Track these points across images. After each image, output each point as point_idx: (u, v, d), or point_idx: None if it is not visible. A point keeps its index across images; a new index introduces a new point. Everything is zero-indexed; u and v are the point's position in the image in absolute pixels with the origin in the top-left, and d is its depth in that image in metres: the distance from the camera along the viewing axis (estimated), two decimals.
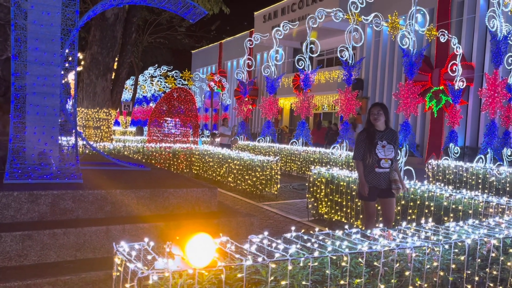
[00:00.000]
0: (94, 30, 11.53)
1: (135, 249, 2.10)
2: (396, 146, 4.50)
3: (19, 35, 4.65)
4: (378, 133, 4.50)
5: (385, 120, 4.54)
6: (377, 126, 4.53)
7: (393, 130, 4.59)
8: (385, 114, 4.53)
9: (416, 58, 10.08)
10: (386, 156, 4.43)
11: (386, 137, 4.50)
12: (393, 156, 4.47)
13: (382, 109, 4.54)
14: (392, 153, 4.45)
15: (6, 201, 3.68)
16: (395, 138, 4.52)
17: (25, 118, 4.61)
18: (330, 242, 2.45)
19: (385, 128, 4.56)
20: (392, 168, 4.47)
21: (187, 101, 13.16)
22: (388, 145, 4.45)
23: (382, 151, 4.43)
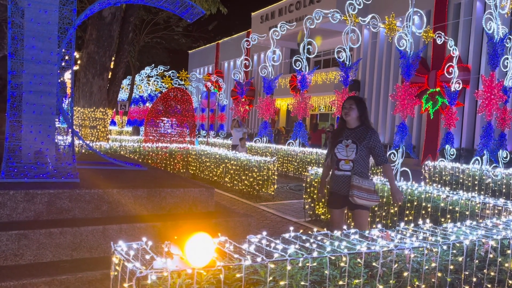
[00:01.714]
0: (91, 29, 11.48)
1: (133, 249, 2.09)
2: (362, 147, 3.81)
3: (16, 33, 4.62)
4: (347, 131, 3.92)
5: (359, 117, 3.91)
6: (348, 122, 3.95)
7: (368, 128, 3.89)
8: (359, 110, 3.90)
9: (413, 60, 10.10)
10: (346, 157, 3.82)
11: (354, 135, 3.87)
12: (355, 158, 3.79)
13: (355, 103, 3.92)
14: (353, 154, 3.79)
15: (1, 200, 3.65)
16: (365, 138, 3.82)
17: (21, 117, 4.58)
18: (329, 243, 2.45)
19: (358, 126, 3.92)
20: (356, 172, 3.79)
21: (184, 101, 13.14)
22: (352, 144, 3.82)
23: (343, 151, 3.84)
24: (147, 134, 12.29)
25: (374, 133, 3.89)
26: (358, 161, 3.81)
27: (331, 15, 12.57)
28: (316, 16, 13.21)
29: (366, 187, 3.75)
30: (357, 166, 3.82)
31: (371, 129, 3.90)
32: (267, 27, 24.59)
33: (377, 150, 3.86)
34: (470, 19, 17.13)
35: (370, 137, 3.84)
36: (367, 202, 3.77)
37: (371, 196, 3.77)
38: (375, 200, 3.83)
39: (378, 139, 3.88)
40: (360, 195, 3.73)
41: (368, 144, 3.83)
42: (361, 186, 3.74)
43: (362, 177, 3.78)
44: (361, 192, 3.74)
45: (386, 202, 5.37)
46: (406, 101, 10.09)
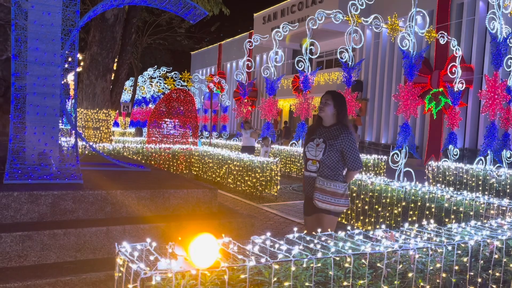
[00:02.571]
0: (94, 31, 11.52)
1: (137, 250, 2.09)
2: (332, 148, 3.46)
3: (20, 35, 4.63)
4: (321, 129, 3.59)
5: (336, 114, 3.56)
6: (324, 119, 3.61)
7: (343, 128, 3.50)
8: (336, 106, 3.54)
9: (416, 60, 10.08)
10: (314, 157, 3.50)
11: (326, 134, 3.52)
12: (321, 159, 3.46)
13: (332, 98, 3.56)
14: (321, 154, 3.47)
15: (6, 202, 3.66)
16: (338, 139, 3.46)
17: (25, 119, 4.59)
18: (333, 243, 2.44)
19: (333, 124, 3.56)
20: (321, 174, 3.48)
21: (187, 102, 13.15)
22: (322, 144, 3.48)
23: (313, 150, 3.52)
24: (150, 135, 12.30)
25: (348, 134, 3.49)
26: (325, 163, 3.46)
27: (333, 15, 12.55)
28: (319, 17, 13.20)
29: (331, 190, 3.43)
30: (324, 167, 3.47)
31: (347, 130, 3.50)
32: (270, 28, 24.60)
33: (348, 153, 3.48)
34: (473, 18, 17.09)
35: (343, 138, 3.46)
36: (331, 207, 3.43)
37: (336, 200, 3.44)
38: (342, 204, 3.47)
39: (352, 142, 3.49)
40: (323, 199, 3.42)
41: (340, 145, 3.47)
42: (325, 188, 3.42)
43: (328, 179, 3.44)
44: (324, 195, 3.42)
45: (390, 203, 5.36)
46: (409, 101, 10.05)
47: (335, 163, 3.49)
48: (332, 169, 3.48)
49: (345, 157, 3.50)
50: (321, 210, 3.47)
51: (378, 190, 5.55)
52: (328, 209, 3.45)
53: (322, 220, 3.49)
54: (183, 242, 2.14)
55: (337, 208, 3.47)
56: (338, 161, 3.49)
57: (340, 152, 3.49)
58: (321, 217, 3.49)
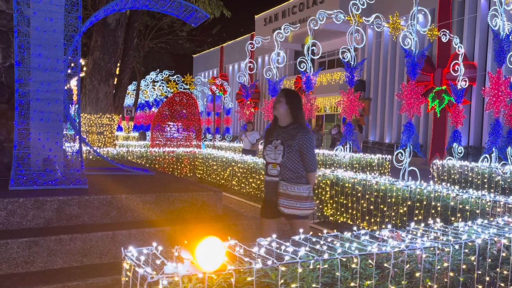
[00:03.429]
0: (96, 36, 11.56)
1: (144, 254, 2.08)
2: (291, 149, 3.31)
3: (22, 42, 4.66)
4: (278, 130, 3.42)
5: (290, 112, 3.38)
6: (279, 119, 3.43)
7: (299, 127, 3.35)
8: (289, 104, 3.37)
9: (418, 59, 10.05)
10: (274, 160, 3.34)
11: (284, 135, 3.36)
12: (281, 161, 3.31)
13: (284, 96, 3.40)
14: (280, 156, 3.31)
15: (12, 208, 3.68)
16: (295, 139, 3.31)
17: (29, 125, 4.62)
18: (339, 244, 2.43)
19: (289, 124, 3.39)
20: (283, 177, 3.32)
21: (190, 105, 13.17)
22: (280, 146, 3.33)
23: (272, 153, 3.36)
24: (153, 139, 12.32)
25: (305, 133, 3.33)
26: (286, 165, 3.32)
27: (334, 15, 12.55)
28: (320, 17, 13.19)
29: (295, 194, 3.29)
30: (285, 171, 3.32)
31: (304, 129, 3.35)
32: (271, 30, 24.61)
33: (306, 154, 3.33)
34: (475, 16, 17.03)
35: (300, 138, 3.31)
36: (297, 212, 3.30)
37: (302, 204, 3.30)
38: (308, 208, 3.35)
39: (310, 142, 3.35)
40: (288, 204, 3.29)
41: (298, 145, 3.31)
42: (289, 193, 3.28)
43: (291, 183, 3.30)
44: (289, 201, 3.29)
45: (395, 202, 5.34)
46: (412, 100, 10.03)
47: (296, 164, 3.34)
48: (294, 171, 3.33)
49: (303, 158, 3.35)
50: (288, 215, 3.35)
51: (383, 190, 5.54)
52: (295, 214, 3.32)
53: (295, 225, 3.37)
54: (189, 245, 2.14)
55: (303, 212, 3.34)
56: (298, 163, 3.36)
57: (300, 152, 3.34)
58: (293, 223, 3.39)
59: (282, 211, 3.30)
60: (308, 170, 3.37)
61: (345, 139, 12.08)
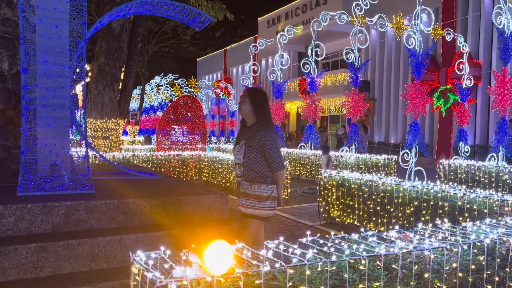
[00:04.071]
0: (101, 41, 11.63)
1: (152, 258, 2.09)
2: (252, 149, 3.23)
3: (28, 49, 4.70)
4: (245, 130, 3.38)
5: (254, 112, 3.31)
6: (246, 119, 3.39)
7: (261, 127, 3.26)
8: (252, 103, 3.29)
9: (422, 58, 10.02)
10: (239, 161, 3.33)
11: (248, 135, 3.31)
12: (243, 162, 3.27)
13: (248, 95, 3.35)
14: (242, 157, 3.28)
15: (20, 214, 3.70)
16: (256, 138, 3.23)
17: (36, 131, 4.65)
18: (347, 246, 2.43)
19: (254, 123, 3.33)
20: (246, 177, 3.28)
21: (194, 109, 13.20)
22: (243, 146, 3.29)
23: (238, 153, 3.34)
24: (159, 143, 12.36)
25: (267, 132, 3.22)
26: (248, 165, 3.26)
27: (338, 16, 12.54)
28: (323, 19, 13.20)
29: (255, 194, 3.22)
30: (247, 171, 3.27)
31: (265, 128, 3.24)
32: (274, 32, 24.63)
33: (268, 154, 3.23)
34: (479, 14, 16.96)
35: (260, 137, 3.21)
36: (255, 211, 3.24)
37: (261, 204, 3.23)
38: (268, 208, 3.26)
39: (272, 141, 3.23)
40: (247, 204, 3.26)
41: (258, 145, 3.22)
42: (248, 192, 3.24)
43: (252, 182, 3.25)
44: (248, 200, 3.25)
45: (402, 203, 5.32)
46: (417, 100, 9.99)
47: (258, 164, 3.25)
48: (256, 171, 3.25)
49: (266, 158, 3.26)
50: (247, 215, 3.31)
51: (389, 190, 5.52)
52: (253, 214, 3.26)
53: (250, 225, 3.28)
54: (197, 249, 2.15)
55: (262, 213, 3.25)
56: (261, 163, 3.25)
57: (262, 152, 3.24)
58: (249, 223, 3.30)
59: (241, 210, 3.31)
60: (273, 169, 3.26)
61: (350, 139, 12.06)
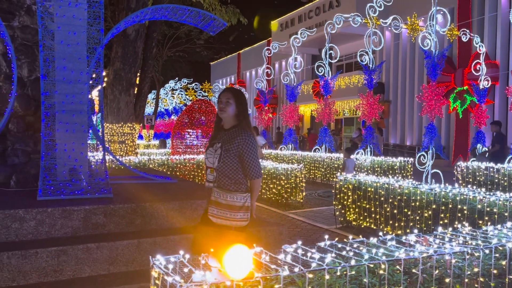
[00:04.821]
0: (116, 47, 11.78)
1: (171, 262, 2.11)
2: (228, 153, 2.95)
3: (47, 55, 4.79)
4: (222, 132, 3.10)
5: (237, 114, 3.06)
6: (224, 121, 3.10)
7: (241, 130, 3.01)
8: (237, 105, 3.06)
9: (438, 59, 9.91)
10: (212, 165, 3.01)
11: (225, 138, 3.03)
12: (217, 166, 2.97)
13: (233, 97, 3.07)
14: (217, 161, 2.97)
15: (40, 218, 3.77)
16: (234, 142, 2.96)
17: (55, 136, 4.73)
18: (366, 250, 2.41)
19: (233, 126, 3.06)
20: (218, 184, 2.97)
21: (209, 112, 13.28)
22: (219, 149, 3.00)
23: (211, 156, 3.03)
24: (174, 147, 12.45)
25: (247, 137, 2.98)
26: (222, 171, 2.97)
27: (351, 19, 12.50)
28: (337, 21, 13.17)
29: (227, 203, 2.92)
30: (221, 177, 2.97)
31: (245, 132, 3.00)
32: (287, 35, 24.64)
33: (246, 159, 2.96)
34: (495, 14, 16.70)
35: (239, 142, 2.96)
36: (226, 222, 2.93)
37: (233, 214, 2.93)
38: (240, 219, 2.95)
39: (251, 146, 2.99)
40: (218, 214, 2.94)
41: (237, 149, 2.96)
42: (220, 202, 2.93)
43: (225, 190, 2.95)
44: (220, 210, 2.93)
45: (419, 206, 5.26)
46: (434, 101, 9.89)
47: (233, 171, 2.98)
48: (231, 178, 2.97)
49: (243, 164, 2.99)
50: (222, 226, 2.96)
51: (406, 194, 5.46)
52: (225, 225, 2.95)
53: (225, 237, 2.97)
54: (215, 253, 2.15)
55: (234, 223, 2.95)
56: (237, 169, 2.99)
57: (239, 157, 2.99)
58: (224, 234, 2.98)
59: (212, 221, 2.96)
60: (250, 177, 3.02)
61: (365, 142, 11.97)
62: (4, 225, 3.63)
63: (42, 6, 4.76)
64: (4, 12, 5.47)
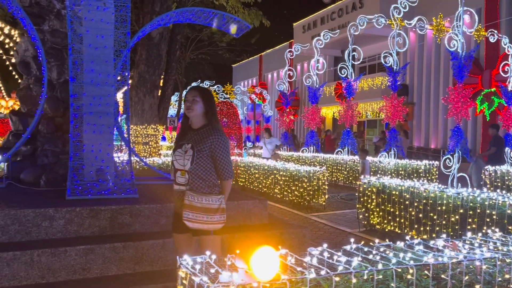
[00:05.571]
0: (141, 50, 11.98)
1: (198, 262, 2.13)
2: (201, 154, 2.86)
3: (76, 58, 4.91)
4: (191, 133, 2.98)
5: (205, 113, 2.97)
6: (192, 120, 3.00)
7: (213, 130, 2.92)
8: (205, 104, 2.95)
9: (465, 61, 9.70)
10: (183, 167, 2.89)
11: (195, 138, 2.92)
12: (190, 168, 2.86)
13: (200, 95, 2.96)
14: (189, 163, 2.86)
15: (69, 217, 3.86)
16: (207, 142, 2.87)
17: (82, 137, 4.85)
18: (393, 254, 2.38)
19: (203, 126, 2.97)
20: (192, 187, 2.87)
21: (231, 114, 13.35)
22: (190, 150, 2.88)
23: (181, 158, 2.90)
24: None
25: (219, 136, 2.90)
26: (195, 172, 2.87)
27: (375, 20, 12.36)
28: (360, 22, 13.05)
29: (202, 206, 2.82)
30: (194, 179, 2.87)
31: (217, 131, 2.92)
32: (310, 37, 24.55)
33: (219, 160, 2.90)
34: None
35: (212, 141, 2.87)
36: (204, 226, 2.82)
37: (210, 217, 2.83)
38: (217, 221, 2.87)
39: (224, 146, 2.92)
40: (193, 218, 2.81)
41: (209, 150, 2.88)
42: (195, 205, 2.81)
43: (199, 193, 2.85)
44: (195, 213, 2.81)
45: (446, 210, 5.15)
46: (460, 104, 9.67)
47: (207, 172, 2.90)
48: (204, 179, 2.89)
49: (216, 164, 2.91)
50: (198, 231, 2.87)
51: (432, 197, 5.36)
52: (202, 229, 2.85)
53: (203, 242, 2.90)
54: (241, 254, 2.16)
55: (211, 227, 2.86)
56: (210, 170, 2.92)
57: (212, 158, 2.91)
58: (201, 240, 2.90)
59: (188, 226, 2.84)
60: (222, 177, 2.95)
61: (389, 145, 11.81)
62: (35, 224, 3.74)
63: (71, 10, 4.89)
64: (35, 16, 5.64)
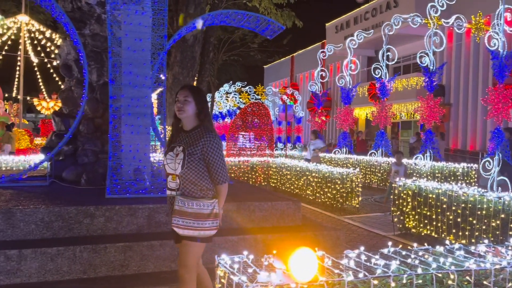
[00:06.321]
0: (175, 52, 12.22)
1: (236, 262, 2.16)
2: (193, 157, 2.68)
3: (115, 61, 5.07)
4: (182, 135, 2.81)
5: (198, 114, 2.79)
6: (183, 122, 2.83)
7: (205, 131, 2.75)
8: (197, 104, 2.78)
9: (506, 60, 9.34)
10: (174, 171, 2.71)
11: (187, 140, 2.75)
12: (181, 172, 2.68)
13: (192, 94, 2.78)
14: (180, 166, 2.68)
15: (109, 215, 3.99)
16: (199, 144, 2.70)
17: (121, 138, 5.00)
18: (432, 259, 2.33)
19: (194, 127, 2.79)
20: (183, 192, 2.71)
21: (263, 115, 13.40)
22: (181, 153, 2.71)
23: (172, 162, 2.72)
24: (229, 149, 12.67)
25: (212, 138, 2.73)
26: (186, 177, 2.69)
27: (411, 19, 12.10)
28: (395, 22, 12.81)
29: (193, 212, 2.66)
30: (186, 183, 2.70)
31: (210, 133, 2.74)
32: (342, 37, 24.30)
33: (213, 163, 2.71)
34: None
35: (204, 144, 2.70)
36: (194, 232, 2.67)
37: (200, 224, 2.68)
38: (209, 228, 2.71)
39: (217, 148, 2.74)
40: (183, 224, 2.66)
41: (201, 152, 2.70)
42: (185, 210, 2.66)
43: (190, 198, 2.69)
44: (185, 219, 2.66)
45: (486, 215, 4.99)
46: (501, 105, 9.33)
47: (199, 176, 2.72)
48: (196, 184, 2.71)
49: (209, 167, 2.73)
50: (184, 237, 2.71)
51: (471, 201, 5.20)
52: (191, 236, 2.69)
53: (184, 248, 2.72)
54: (279, 254, 2.18)
55: (202, 233, 2.70)
56: (202, 174, 2.73)
57: (204, 161, 2.73)
58: (183, 245, 2.72)
59: (178, 232, 2.71)
60: (216, 182, 2.76)
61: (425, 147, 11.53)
62: (77, 220, 3.89)
63: (111, 15, 5.05)
64: (77, 21, 5.86)
